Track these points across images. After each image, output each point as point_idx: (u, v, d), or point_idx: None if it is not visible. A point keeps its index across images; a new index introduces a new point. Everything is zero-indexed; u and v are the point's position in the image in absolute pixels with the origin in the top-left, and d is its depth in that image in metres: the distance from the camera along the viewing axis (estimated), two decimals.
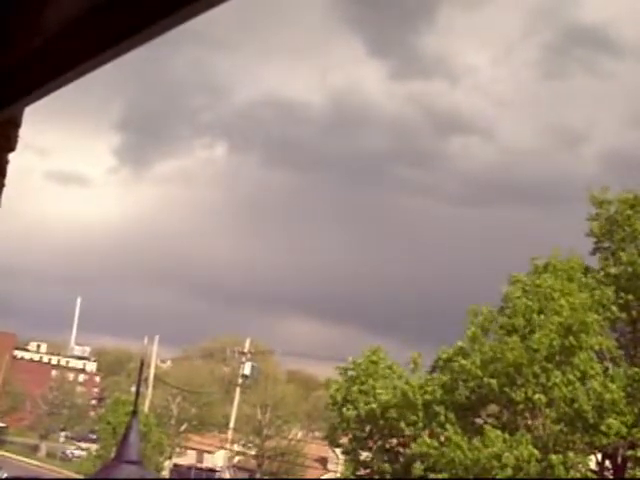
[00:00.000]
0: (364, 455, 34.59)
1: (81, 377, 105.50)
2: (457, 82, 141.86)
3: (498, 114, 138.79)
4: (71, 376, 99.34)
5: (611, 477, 29.87)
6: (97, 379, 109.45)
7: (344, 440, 35.49)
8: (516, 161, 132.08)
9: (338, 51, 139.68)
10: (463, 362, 29.01)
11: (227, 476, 65.01)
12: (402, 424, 31.28)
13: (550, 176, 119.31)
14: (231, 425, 60.63)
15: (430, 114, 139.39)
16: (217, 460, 67.77)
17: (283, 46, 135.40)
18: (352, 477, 35.44)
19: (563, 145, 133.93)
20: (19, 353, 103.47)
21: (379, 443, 33.77)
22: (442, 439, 28.76)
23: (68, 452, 78.35)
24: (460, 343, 30.84)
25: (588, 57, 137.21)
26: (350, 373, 34.77)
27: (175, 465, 65.38)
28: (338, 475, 51.06)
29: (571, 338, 27.24)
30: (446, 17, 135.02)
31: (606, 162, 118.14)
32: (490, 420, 30.27)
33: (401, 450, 33.29)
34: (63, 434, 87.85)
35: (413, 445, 30.32)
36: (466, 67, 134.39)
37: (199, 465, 68.62)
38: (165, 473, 60.26)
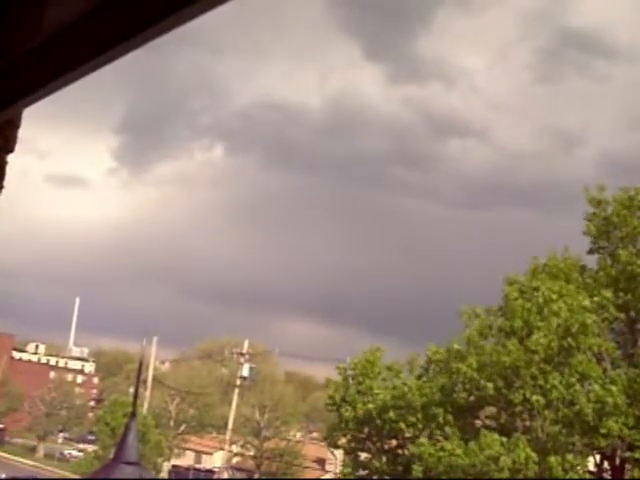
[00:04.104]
0: (363, 456, 34.58)
1: (79, 378, 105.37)
2: (454, 85, 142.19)
3: (494, 117, 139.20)
4: (69, 377, 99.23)
5: (609, 478, 29.87)
6: (95, 380, 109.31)
7: (343, 441, 35.47)
8: (513, 163, 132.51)
9: (336, 55, 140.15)
10: (460, 365, 28.99)
11: (225, 477, 64.98)
12: (401, 425, 31.28)
13: (547, 178, 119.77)
14: (229, 426, 60.59)
15: (427, 117, 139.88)
16: (215, 461, 67.74)
17: (281, 49, 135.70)
18: (351, 478, 35.42)
19: (559, 147, 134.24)
20: (17, 354, 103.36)
21: (378, 444, 33.76)
22: (439, 444, 28.70)
23: (66, 453, 78.25)
24: (456, 345, 30.85)
25: (582, 60, 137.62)
26: (348, 373, 34.79)
27: (174, 466, 65.33)
28: (336, 476, 51.02)
29: (570, 339, 27.22)
30: (442, 21, 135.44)
31: (602, 164, 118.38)
32: (488, 422, 30.28)
33: (400, 451, 33.28)
34: (61, 435, 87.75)
35: (411, 446, 30.34)
36: (463, 70, 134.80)
37: (197, 466, 68.58)
38: (164, 474, 60.22)
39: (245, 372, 61.15)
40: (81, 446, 77.10)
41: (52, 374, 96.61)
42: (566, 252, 31.62)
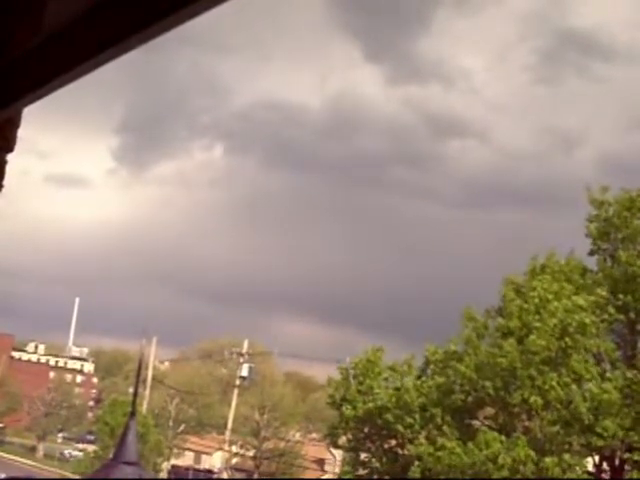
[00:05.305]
0: (363, 455, 34.63)
1: (79, 378, 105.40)
2: (453, 86, 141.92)
3: (494, 117, 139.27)
4: (69, 377, 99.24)
5: (608, 479, 29.86)
6: (95, 380, 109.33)
7: (343, 440, 35.54)
8: (512, 164, 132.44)
9: (336, 55, 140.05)
10: (457, 366, 29.01)
11: (225, 477, 64.96)
12: (399, 426, 31.30)
13: (546, 179, 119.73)
14: (229, 426, 60.57)
15: (427, 118, 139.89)
16: (215, 461, 67.72)
17: (282, 50, 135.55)
18: (351, 477, 35.44)
19: (558, 148, 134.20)
20: (17, 354, 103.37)
21: (378, 443, 33.79)
22: (438, 443, 28.72)
23: (66, 453, 78.23)
24: (452, 346, 30.95)
25: (582, 61, 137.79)
26: (349, 372, 34.86)
27: (173, 466, 65.30)
28: (336, 476, 51.04)
29: (567, 339, 27.22)
30: (442, 22, 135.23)
31: (601, 165, 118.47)
32: (487, 422, 30.30)
33: (400, 451, 33.30)
34: (61, 435, 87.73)
35: (410, 447, 30.38)
36: (462, 71, 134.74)
37: (197, 466, 68.57)
38: (163, 474, 60.18)
39: (244, 372, 61.11)
40: (80, 446, 77.03)
41: (51, 374, 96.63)
42: (570, 253, 31.65)
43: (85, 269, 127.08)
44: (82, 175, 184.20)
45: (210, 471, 66.93)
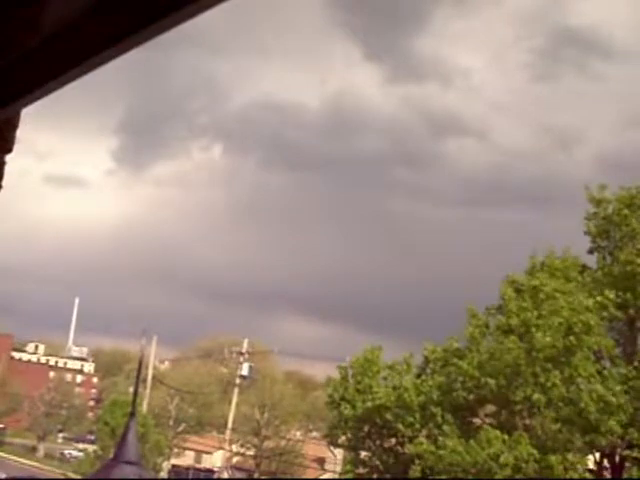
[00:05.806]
0: (363, 454, 34.61)
1: (79, 378, 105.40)
2: (452, 85, 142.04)
3: (493, 116, 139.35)
4: (69, 377, 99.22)
5: (609, 477, 29.88)
6: (95, 380, 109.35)
7: (343, 439, 35.52)
8: (511, 162, 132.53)
9: (335, 55, 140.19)
10: (460, 363, 29.02)
11: (225, 476, 64.97)
12: (399, 425, 31.29)
13: (545, 177, 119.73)
14: (229, 425, 60.56)
15: (426, 116, 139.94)
16: (215, 460, 67.73)
17: (280, 50, 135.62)
18: (351, 476, 35.44)
19: (557, 146, 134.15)
20: (17, 354, 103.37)
21: (378, 442, 33.78)
22: (439, 441, 28.71)
23: (66, 453, 78.23)
24: (454, 344, 30.94)
25: (580, 59, 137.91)
26: (348, 371, 34.85)
27: (173, 466, 65.32)
28: (336, 475, 51.04)
29: (572, 338, 27.21)
30: (440, 21, 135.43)
31: (600, 163, 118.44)
32: (488, 420, 30.30)
33: (400, 449, 33.30)
34: (61, 435, 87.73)
35: (409, 446, 30.37)
36: (460, 70, 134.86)
37: (197, 466, 68.59)
38: (163, 474, 60.19)
39: (245, 371, 61.12)
40: (81, 446, 77.03)
41: (51, 374, 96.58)
42: (567, 251, 31.64)
43: (85, 269, 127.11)
44: (81, 175, 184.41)
45: (210, 470, 66.96)
